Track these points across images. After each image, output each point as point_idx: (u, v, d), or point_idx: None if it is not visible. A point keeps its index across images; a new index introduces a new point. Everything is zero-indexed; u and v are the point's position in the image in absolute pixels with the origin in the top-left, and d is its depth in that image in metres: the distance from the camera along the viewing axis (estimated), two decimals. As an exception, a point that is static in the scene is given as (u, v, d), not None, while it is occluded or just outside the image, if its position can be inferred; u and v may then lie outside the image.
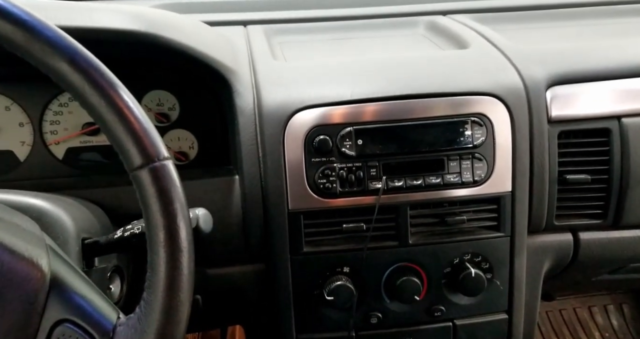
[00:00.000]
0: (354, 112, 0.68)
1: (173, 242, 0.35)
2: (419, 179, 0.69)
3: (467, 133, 0.69)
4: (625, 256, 0.79)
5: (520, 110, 0.70)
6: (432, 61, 0.75)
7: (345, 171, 0.68)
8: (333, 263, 0.71)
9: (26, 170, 0.76)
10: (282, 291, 0.72)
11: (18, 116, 0.75)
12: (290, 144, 0.67)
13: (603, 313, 1.41)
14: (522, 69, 0.73)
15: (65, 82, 0.36)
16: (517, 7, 1.00)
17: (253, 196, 0.68)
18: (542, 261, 0.78)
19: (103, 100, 0.35)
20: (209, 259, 0.72)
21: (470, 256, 0.73)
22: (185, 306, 0.35)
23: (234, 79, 0.70)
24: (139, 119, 0.36)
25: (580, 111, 0.72)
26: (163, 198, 0.35)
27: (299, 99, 0.68)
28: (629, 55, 0.75)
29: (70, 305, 0.36)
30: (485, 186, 0.70)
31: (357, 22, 0.97)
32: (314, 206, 0.68)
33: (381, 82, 0.70)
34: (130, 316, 0.37)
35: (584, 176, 0.73)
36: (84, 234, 0.53)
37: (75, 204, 0.59)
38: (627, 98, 0.73)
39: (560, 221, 0.76)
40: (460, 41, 0.83)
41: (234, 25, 0.93)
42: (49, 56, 0.35)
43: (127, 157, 0.36)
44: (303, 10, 1.00)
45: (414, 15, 0.97)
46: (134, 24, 0.62)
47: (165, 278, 0.35)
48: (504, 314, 0.77)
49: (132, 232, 0.49)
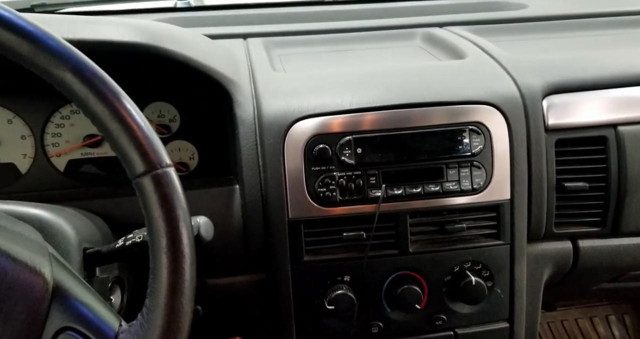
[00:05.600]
0: (353, 121, 0.68)
1: (175, 248, 0.35)
2: (418, 187, 0.69)
3: (466, 141, 0.69)
4: (625, 263, 0.80)
5: (517, 118, 0.71)
6: (430, 71, 0.77)
7: (345, 180, 0.68)
8: (333, 272, 0.71)
9: (28, 182, 0.76)
10: (282, 300, 0.72)
11: (20, 129, 0.76)
12: (290, 153, 0.68)
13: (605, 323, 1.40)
14: (519, 78, 0.74)
15: (70, 92, 0.36)
16: (512, 19, 1.02)
17: (253, 205, 0.69)
18: (542, 268, 0.78)
19: (107, 109, 0.36)
20: (210, 269, 0.72)
21: (470, 264, 0.73)
22: (188, 311, 0.35)
23: (234, 90, 0.71)
24: (141, 127, 0.37)
25: (577, 119, 0.73)
26: (165, 205, 0.36)
27: (299, 109, 0.69)
28: (624, 65, 0.76)
29: (72, 313, 0.36)
30: (484, 194, 0.71)
31: (355, 35, 0.98)
32: (314, 214, 0.69)
33: (380, 91, 0.71)
34: (133, 323, 0.37)
35: (582, 183, 0.73)
36: (85, 244, 0.53)
37: (76, 214, 0.59)
38: (622, 107, 0.74)
39: (559, 228, 0.76)
40: (457, 52, 0.84)
41: (234, 38, 0.95)
42: (54, 66, 0.36)
43: (130, 164, 0.37)
44: (302, 23, 1.02)
45: (411, 27, 0.99)
46: (136, 36, 0.63)
47: (167, 284, 0.35)
48: (505, 323, 0.77)
49: (133, 241, 0.49)
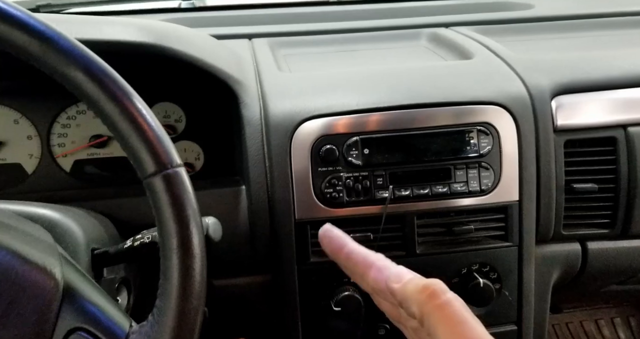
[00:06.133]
0: (360, 122, 0.68)
1: (186, 248, 0.35)
2: (425, 189, 0.69)
3: (473, 142, 0.69)
4: (634, 265, 0.79)
5: (525, 119, 0.70)
6: (436, 71, 0.76)
7: (352, 181, 0.68)
8: (340, 273, 0.69)
9: (34, 183, 0.76)
10: (289, 301, 0.71)
11: (26, 129, 0.76)
12: (296, 154, 0.67)
13: (610, 326, 1.40)
14: (527, 79, 0.73)
15: (80, 91, 0.36)
16: (518, 19, 1.01)
17: (260, 206, 0.68)
18: (551, 271, 0.77)
19: (117, 108, 0.36)
20: (216, 270, 0.71)
21: (478, 266, 0.72)
22: (199, 312, 0.35)
23: (241, 90, 0.71)
24: (152, 127, 0.37)
25: (586, 120, 0.72)
26: (176, 205, 0.36)
27: (305, 109, 0.68)
28: (633, 65, 0.76)
29: (83, 314, 0.36)
30: (492, 195, 0.70)
31: (361, 35, 0.98)
32: (320, 215, 0.68)
33: (387, 91, 0.70)
34: (143, 324, 0.37)
35: (591, 185, 0.73)
36: (93, 245, 0.53)
37: (84, 214, 0.59)
38: (632, 107, 0.73)
39: (568, 230, 0.75)
40: (463, 52, 0.84)
41: (240, 39, 0.95)
42: (65, 66, 0.36)
43: (140, 164, 0.36)
44: (307, 24, 1.01)
45: (417, 28, 0.98)
46: (143, 36, 0.63)
47: (178, 285, 0.35)
48: (513, 325, 0.76)
49: (142, 241, 0.49)
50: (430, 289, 0.35)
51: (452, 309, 0.34)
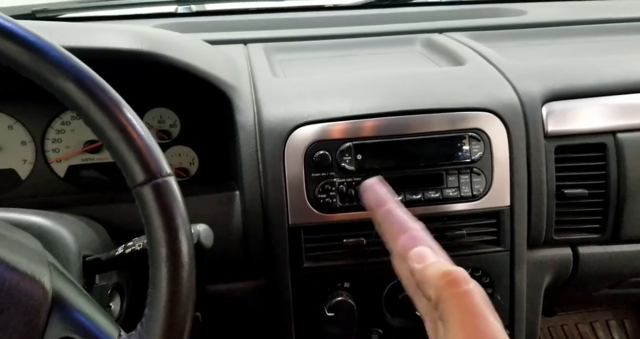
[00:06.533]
0: (353, 128, 0.68)
1: (175, 258, 0.35)
2: (418, 194, 0.69)
3: (465, 148, 0.69)
4: (625, 270, 0.80)
5: (516, 125, 0.71)
6: (429, 77, 0.77)
7: (345, 186, 0.68)
8: (333, 278, 0.71)
9: (27, 188, 0.76)
10: (282, 306, 0.71)
11: (20, 135, 0.76)
12: (290, 160, 0.68)
13: (605, 329, 1.40)
14: (518, 85, 0.74)
15: (71, 102, 0.36)
16: (511, 25, 1.02)
17: (253, 211, 0.69)
18: (542, 275, 0.78)
19: (107, 118, 0.36)
20: (209, 275, 0.72)
21: (470, 271, 0.72)
22: (187, 322, 0.35)
23: (235, 96, 0.71)
24: (142, 137, 0.37)
25: (576, 126, 0.73)
26: (165, 214, 0.36)
27: (299, 115, 0.69)
28: (624, 72, 0.76)
29: (71, 323, 0.36)
30: (484, 201, 0.71)
31: (355, 40, 0.98)
32: (314, 220, 0.69)
33: (380, 98, 0.71)
34: (132, 333, 0.37)
35: (581, 190, 0.73)
36: (85, 252, 0.53)
37: (76, 221, 0.59)
38: (621, 113, 0.74)
39: (559, 235, 0.76)
40: (456, 58, 0.84)
41: (235, 44, 0.95)
42: (55, 76, 0.36)
43: (130, 173, 0.37)
44: (302, 29, 1.02)
45: (411, 33, 0.99)
46: (136, 43, 0.63)
47: (167, 294, 0.35)
48: (506, 330, 0.77)
49: (133, 249, 0.49)
50: (452, 276, 0.33)
51: (470, 301, 0.32)
